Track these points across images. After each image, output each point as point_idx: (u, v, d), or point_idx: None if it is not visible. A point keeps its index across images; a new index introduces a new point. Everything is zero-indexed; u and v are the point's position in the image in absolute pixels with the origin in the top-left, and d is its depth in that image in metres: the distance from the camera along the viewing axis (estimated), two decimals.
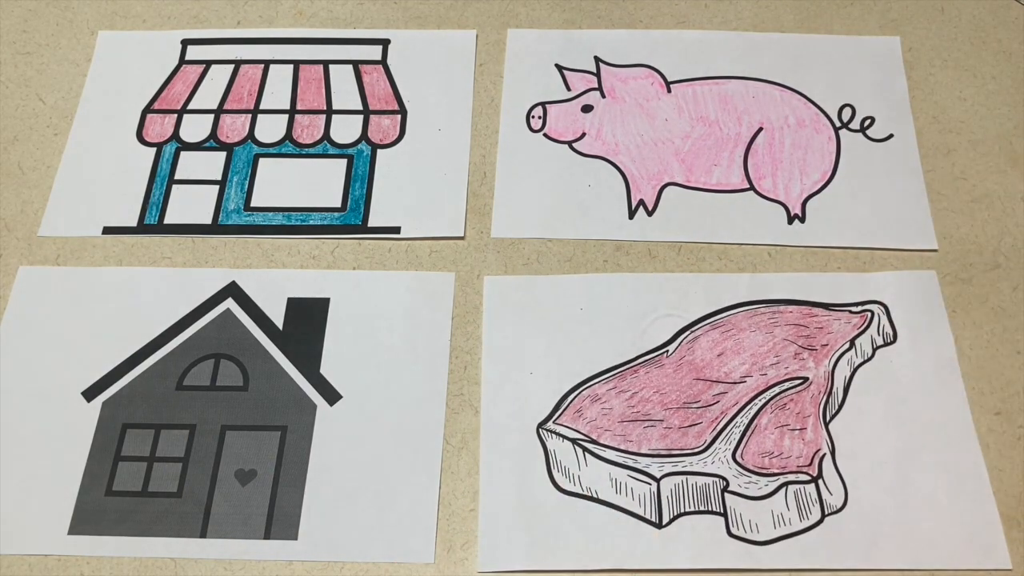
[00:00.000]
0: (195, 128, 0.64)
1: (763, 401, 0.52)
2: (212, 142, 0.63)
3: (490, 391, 0.53)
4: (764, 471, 0.50)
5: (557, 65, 0.66)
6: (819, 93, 0.63)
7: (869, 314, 0.55)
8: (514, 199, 0.60)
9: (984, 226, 0.58)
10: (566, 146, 0.62)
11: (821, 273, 0.57)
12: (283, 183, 0.61)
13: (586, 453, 0.51)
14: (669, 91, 0.64)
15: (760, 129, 0.62)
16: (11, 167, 0.62)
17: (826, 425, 0.51)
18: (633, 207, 0.59)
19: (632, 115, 0.63)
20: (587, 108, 0.63)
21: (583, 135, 0.62)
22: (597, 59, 0.66)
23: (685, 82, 0.65)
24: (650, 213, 0.59)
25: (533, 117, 0.63)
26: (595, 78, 0.65)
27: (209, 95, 0.65)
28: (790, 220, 0.58)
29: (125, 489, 0.51)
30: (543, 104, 0.64)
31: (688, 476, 0.50)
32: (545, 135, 0.63)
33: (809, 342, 0.54)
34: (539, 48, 0.67)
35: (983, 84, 0.64)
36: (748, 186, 0.60)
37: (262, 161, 0.62)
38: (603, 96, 0.64)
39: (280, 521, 0.50)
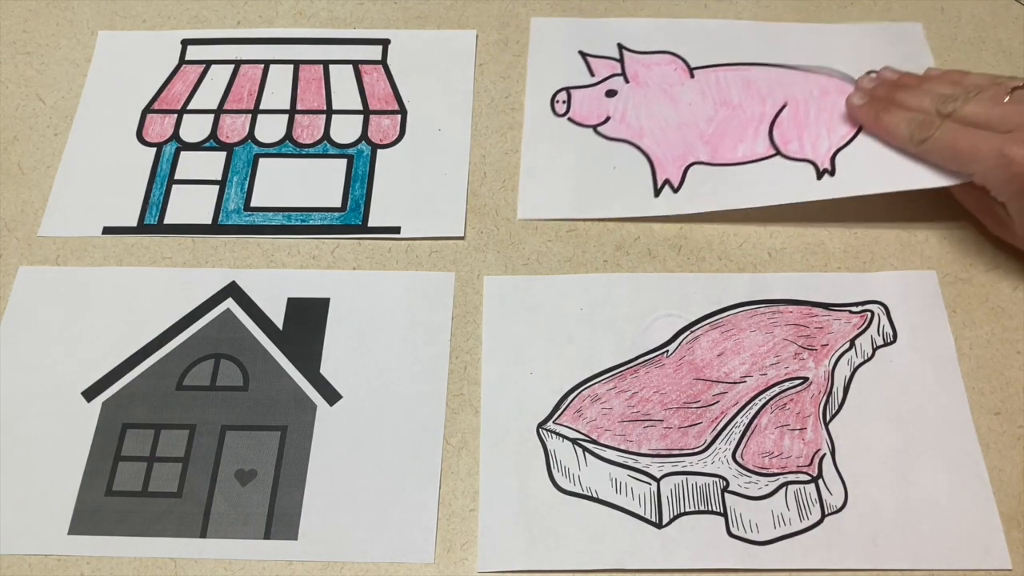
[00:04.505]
0: (195, 128, 0.64)
1: (763, 401, 0.52)
2: (212, 142, 0.63)
3: (490, 391, 0.53)
4: (764, 471, 0.50)
5: (580, 52, 0.66)
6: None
7: (869, 314, 0.55)
8: (540, 181, 0.60)
9: (984, 226, 0.58)
10: (590, 130, 0.62)
11: (821, 273, 0.57)
12: (283, 183, 0.61)
13: (586, 453, 0.51)
14: (692, 76, 0.64)
15: (784, 105, 0.62)
16: (11, 167, 0.62)
17: (826, 425, 0.51)
18: (659, 187, 0.59)
19: (656, 100, 0.63)
20: (611, 93, 0.63)
21: (607, 119, 0.63)
22: (620, 46, 0.66)
23: (708, 68, 0.65)
24: (675, 191, 0.59)
25: (558, 102, 0.64)
26: (618, 64, 0.65)
27: (209, 95, 0.65)
28: (819, 175, 0.58)
29: (125, 489, 0.51)
30: (567, 89, 0.64)
31: (688, 476, 0.50)
32: (569, 119, 0.63)
33: (809, 342, 0.54)
34: (562, 36, 0.67)
35: None
36: (774, 152, 0.60)
37: (262, 161, 0.62)
38: (627, 81, 0.64)
39: (280, 521, 0.50)
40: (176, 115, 0.64)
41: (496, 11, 0.69)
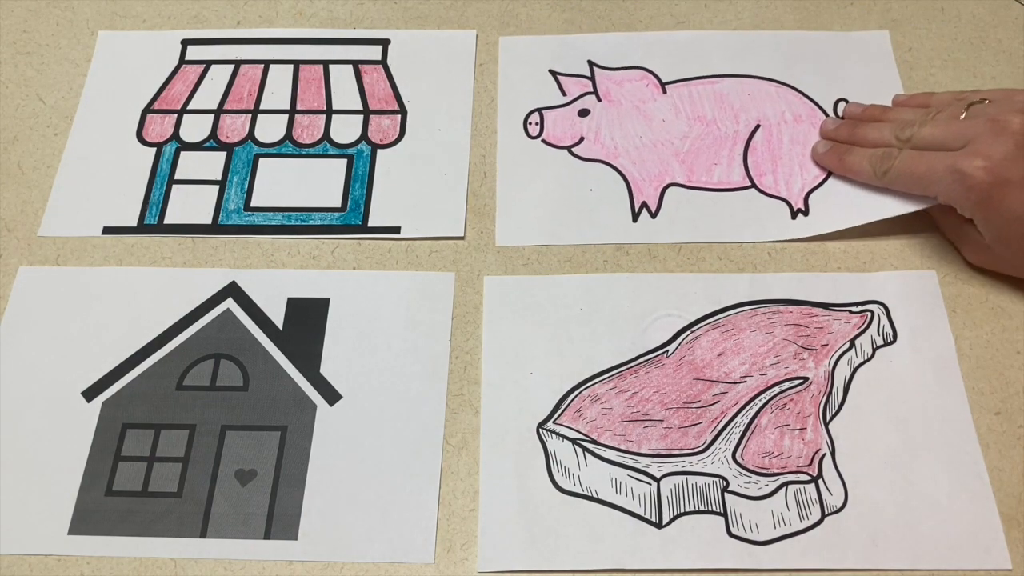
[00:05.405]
0: (195, 128, 0.64)
1: (763, 401, 0.52)
2: (212, 142, 0.63)
3: (490, 391, 0.53)
4: (764, 471, 0.50)
5: (551, 71, 0.66)
6: (813, 88, 0.64)
7: (869, 314, 0.55)
8: (516, 207, 0.60)
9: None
10: (565, 151, 0.62)
11: (821, 273, 0.57)
12: (283, 183, 0.61)
13: (586, 453, 0.51)
14: (664, 92, 0.64)
15: (758, 126, 0.62)
16: (11, 167, 0.62)
17: (826, 425, 0.51)
18: (636, 209, 0.59)
19: (629, 117, 0.63)
20: (584, 112, 0.63)
21: (581, 139, 0.62)
22: (591, 63, 0.66)
23: (680, 82, 0.65)
24: (653, 215, 0.59)
25: (530, 123, 0.63)
26: (590, 82, 0.65)
27: (209, 95, 0.65)
28: (793, 215, 0.58)
29: (125, 489, 0.51)
30: (539, 110, 0.64)
31: (688, 476, 0.50)
32: (543, 141, 0.63)
33: (809, 342, 0.54)
34: (532, 54, 0.67)
35: (983, 84, 0.64)
36: (749, 184, 0.60)
37: (262, 161, 0.62)
38: (599, 100, 0.64)
39: (280, 521, 0.50)
40: (176, 115, 0.64)
41: (496, 11, 0.69)
